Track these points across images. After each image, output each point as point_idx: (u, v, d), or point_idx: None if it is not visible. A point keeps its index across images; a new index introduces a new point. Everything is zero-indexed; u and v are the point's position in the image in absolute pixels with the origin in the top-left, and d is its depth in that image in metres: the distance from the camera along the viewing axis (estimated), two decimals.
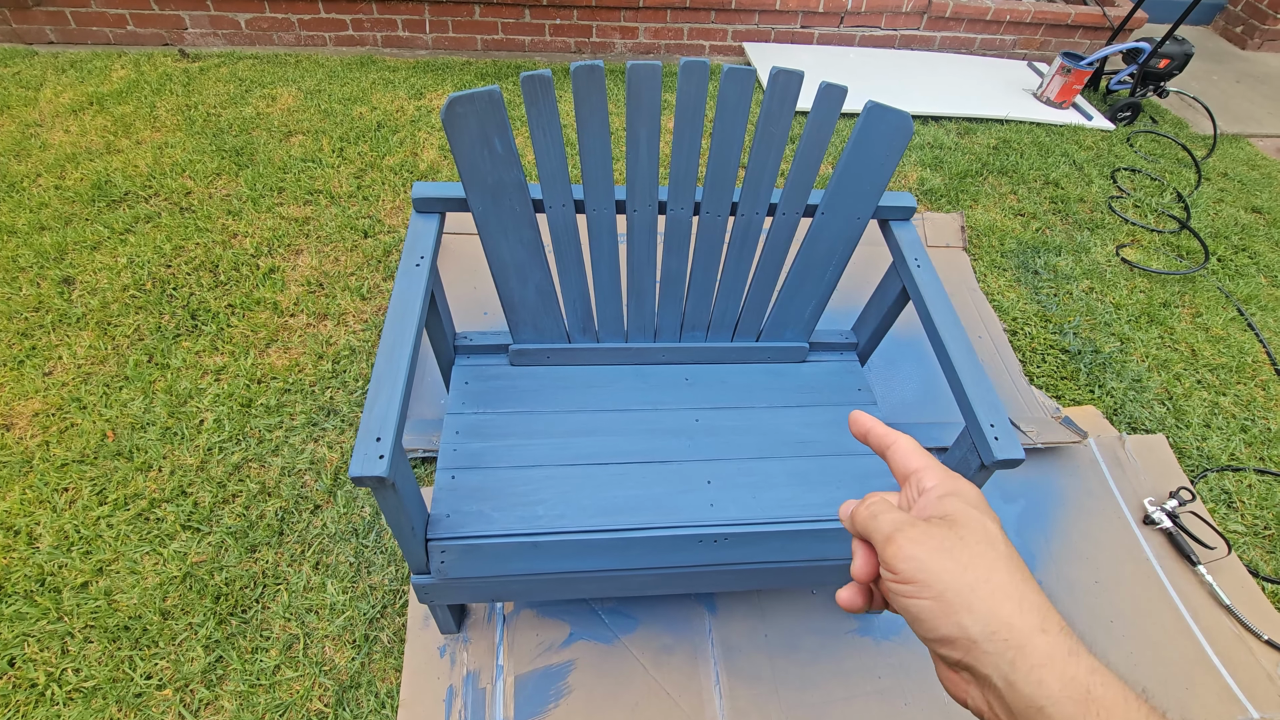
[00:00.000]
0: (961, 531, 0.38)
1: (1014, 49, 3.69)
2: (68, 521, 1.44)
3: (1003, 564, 0.36)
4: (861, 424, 0.48)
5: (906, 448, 0.44)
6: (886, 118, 1.16)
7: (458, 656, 1.33)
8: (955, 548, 0.37)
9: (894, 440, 0.45)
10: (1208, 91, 3.62)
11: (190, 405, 1.66)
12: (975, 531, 0.38)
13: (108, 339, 1.78)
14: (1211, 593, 1.54)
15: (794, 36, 3.49)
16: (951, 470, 0.43)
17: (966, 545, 0.37)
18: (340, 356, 1.79)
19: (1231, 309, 2.29)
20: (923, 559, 0.37)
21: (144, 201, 2.18)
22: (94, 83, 2.69)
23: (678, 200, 1.22)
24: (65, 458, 1.54)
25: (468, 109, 1.07)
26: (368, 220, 2.19)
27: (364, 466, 0.88)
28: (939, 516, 0.39)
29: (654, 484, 1.21)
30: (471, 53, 3.26)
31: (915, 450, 0.44)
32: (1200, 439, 1.87)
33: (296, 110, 2.65)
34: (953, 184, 2.63)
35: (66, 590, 1.35)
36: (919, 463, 0.43)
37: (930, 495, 0.41)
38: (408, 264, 1.14)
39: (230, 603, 1.36)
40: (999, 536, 0.38)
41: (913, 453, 0.44)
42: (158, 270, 1.96)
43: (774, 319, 1.41)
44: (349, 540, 1.46)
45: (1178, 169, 2.94)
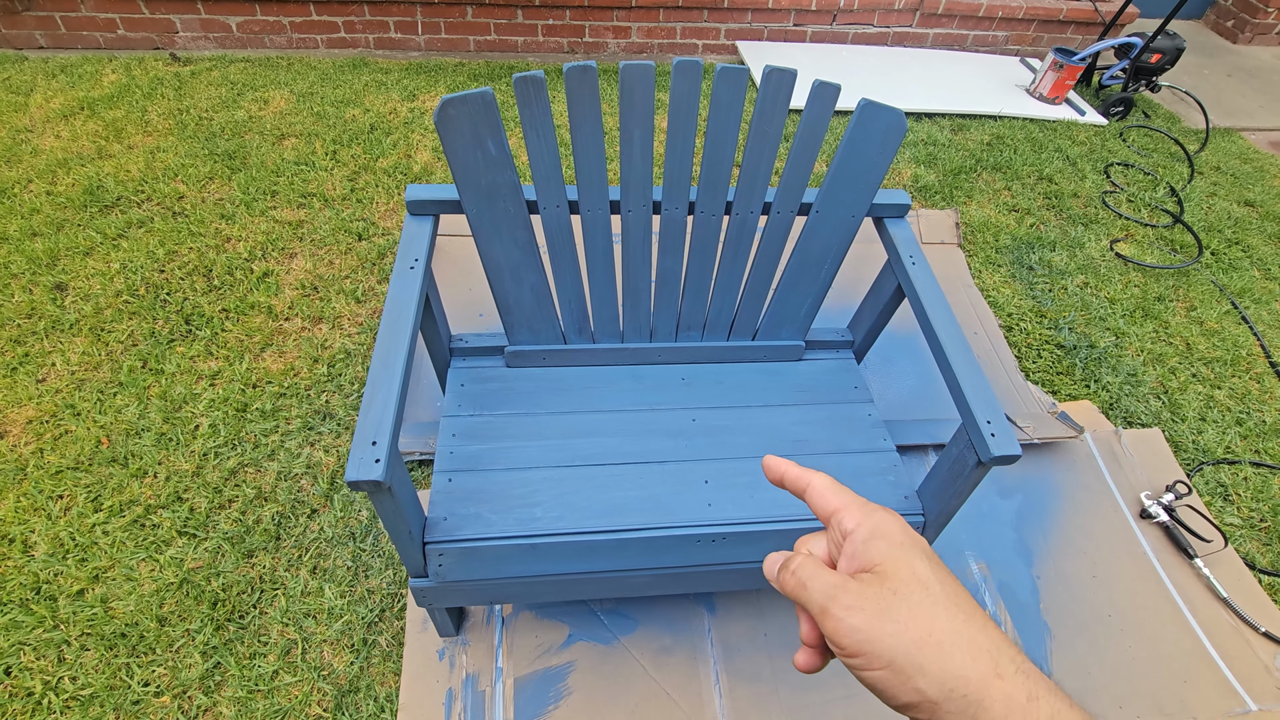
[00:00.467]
0: (894, 584, 0.36)
1: (1006, 45, 3.70)
2: (63, 529, 1.43)
3: (942, 610, 0.35)
4: (775, 469, 0.46)
5: (822, 487, 0.43)
6: (880, 116, 1.16)
7: (457, 659, 1.33)
8: (892, 606, 0.36)
9: (809, 481, 0.44)
10: (1199, 86, 3.63)
11: (185, 411, 1.65)
12: (906, 580, 0.36)
13: (101, 345, 1.77)
14: (1208, 586, 1.55)
15: (787, 35, 3.49)
16: (869, 503, 0.41)
17: (901, 599, 0.36)
18: (335, 360, 1.79)
19: (1225, 302, 2.29)
20: (864, 629, 0.35)
21: (136, 206, 2.17)
22: (85, 87, 2.68)
23: (672, 200, 1.22)
24: (60, 465, 1.53)
25: (461, 111, 1.07)
26: (362, 223, 2.19)
27: (360, 471, 0.88)
28: (867, 569, 0.38)
29: (651, 484, 1.21)
30: (464, 54, 3.26)
31: (831, 488, 0.43)
32: (1196, 432, 1.88)
33: (289, 113, 2.64)
34: (947, 180, 2.63)
35: (63, 598, 1.34)
36: (836, 502, 0.42)
37: (855, 540, 0.39)
38: (402, 267, 1.14)
39: (228, 608, 1.35)
40: (930, 575, 0.37)
41: (828, 491, 0.42)
42: (151, 275, 1.95)
43: (770, 318, 1.41)
44: (346, 544, 1.46)
45: (1171, 163, 2.96)
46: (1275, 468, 1.81)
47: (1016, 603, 1.49)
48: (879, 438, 1.33)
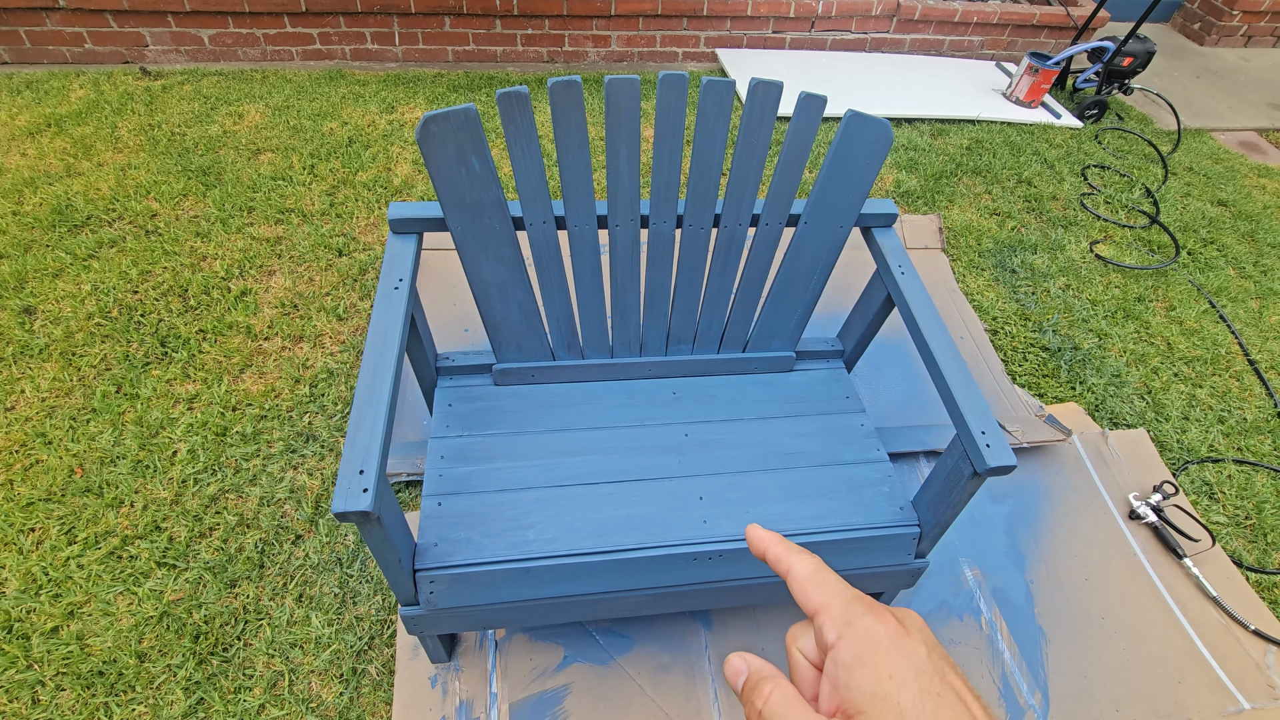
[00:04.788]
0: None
1: (982, 50, 3.75)
2: (35, 563, 1.38)
3: None
4: (758, 544, 0.41)
5: (802, 578, 0.37)
6: (866, 127, 1.16)
7: (450, 686, 1.29)
8: None
9: (788, 567, 0.38)
10: (1169, 88, 3.71)
11: (162, 436, 1.60)
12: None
13: (73, 370, 1.72)
14: (1198, 585, 1.56)
15: (766, 42, 3.50)
16: (855, 602, 0.35)
17: None
18: (318, 380, 1.75)
19: (1203, 301, 2.33)
20: None
21: (107, 225, 2.12)
22: (51, 103, 2.61)
23: (660, 214, 1.21)
24: (31, 496, 1.48)
25: (444, 128, 1.04)
26: (342, 238, 2.15)
27: (347, 501, 0.85)
28: (848, 715, 0.32)
29: (645, 502, 1.19)
30: (443, 64, 3.23)
31: (812, 580, 0.37)
32: (1180, 431, 1.90)
33: (264, 127, 2.60)
34: (928, 185, 2.65)
35: (35, 636, 1.29)
36: (818, 600, 0.35)
37: (837, 662, 0.33)
38: (386, 287, 1.11)
39: (210, 641, 1.31)
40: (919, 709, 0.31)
41: (809, 585, 0.36)
42: (124, 296, 1.90)
43: (760, 330, 1.40)
44: (333, 570, 1.42)
45: (1145, 164, 3.01)
46: (1258, 465, 1.83)
47: (1011, 608, 1.49)
48: (872, 448, 1.32)
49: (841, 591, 0.36)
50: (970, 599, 1.50)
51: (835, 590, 0.36)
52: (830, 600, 0.35)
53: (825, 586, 0.36)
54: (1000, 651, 1.43)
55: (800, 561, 0.38)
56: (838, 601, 0.35)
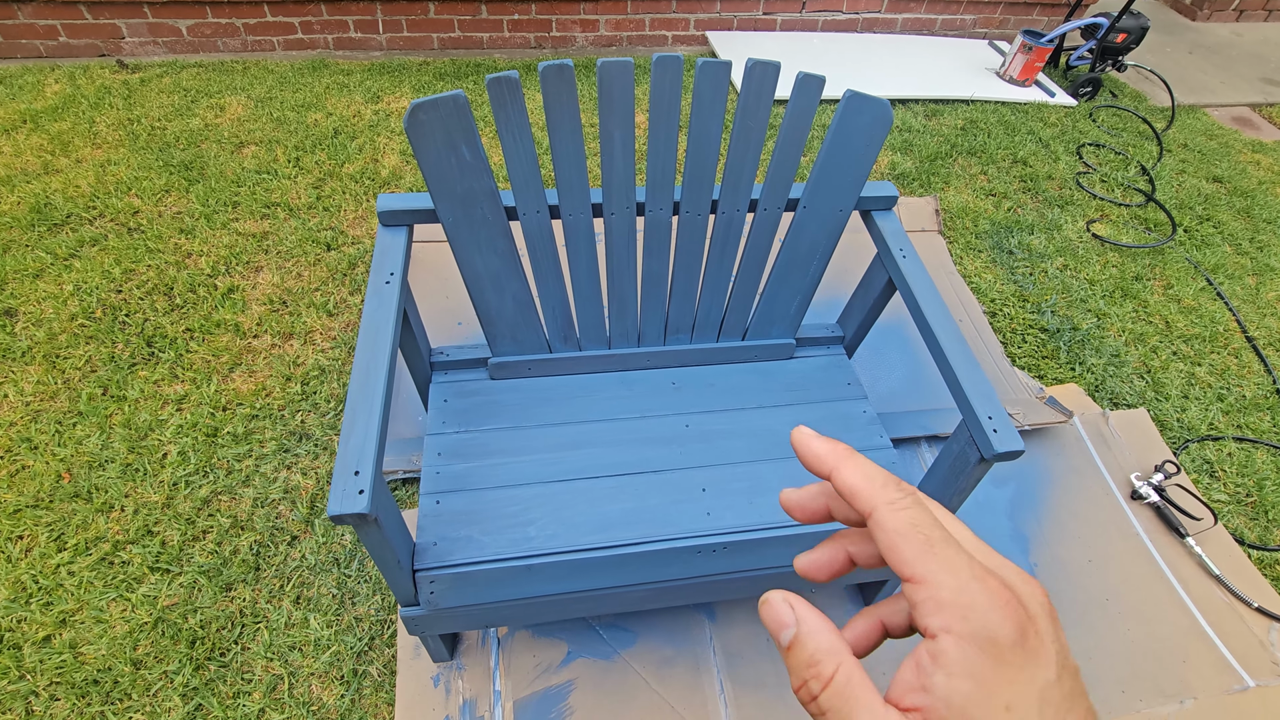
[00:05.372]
0: None
1: (974, 29, 3.71)
2: (24, 571, 1.35)
3: None
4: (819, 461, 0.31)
5: (891, 530, 0.27)
6: (865, 107, 1.13)
7: (453, 685, 1.28)
8: None
9: (870, 508, 0.28)
10: (1162, 64, 3.68)
11: (151, 438, 1.57)
12: None
13: (57, 373, 1.68)
14: (1201, 564, 1.56)
15: (756, 24, 3.45)
16: (980, 586, 0.25)
17: None
18: (309, 377, 1.71)
19: (1200, 279, 2.32)
20: None
21: (88, 224, 2.06)
22: (26, 99, 2.54)
23: (656, 201, 1.18)
24: (18, 503, 1.44)
25: (432, 116, 1.01)
26: (330, 232, 2.10)
27: (343, 504, 0.82)
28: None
29: (648, 495, 1.17)
30: (428, 52, 3.16)
31: (908, 539, 0.26)
32: (1179, 410, 1.89)
33: (247, 120, 2.54)
34: (924, 167, 2.62)
35: (27, 646, 1.26)
36: (920, 570, 0.26)
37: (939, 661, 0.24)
38: (377, 282, 1.08)
39: (207, 646, 1.29)
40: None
41: (903, 545, 0.26)
42: (107, 296, 1.85)
43: (759, 317, 1.38)
44: (330, 571, 1.40)
45: (1140, 142, 2.99)
46: (1258, 442, 1.83)
47: None
48: (875, 435, 1.31)
49: (956, 561, 0.25)
50: None
51: (948, 559, 0.25)
52: (942, 576, 0.25)
53: (931, 551, 0.26)
54: None
55: (893, 505, 0.27)
56: (951, 578, 0.25)
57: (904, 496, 0.27)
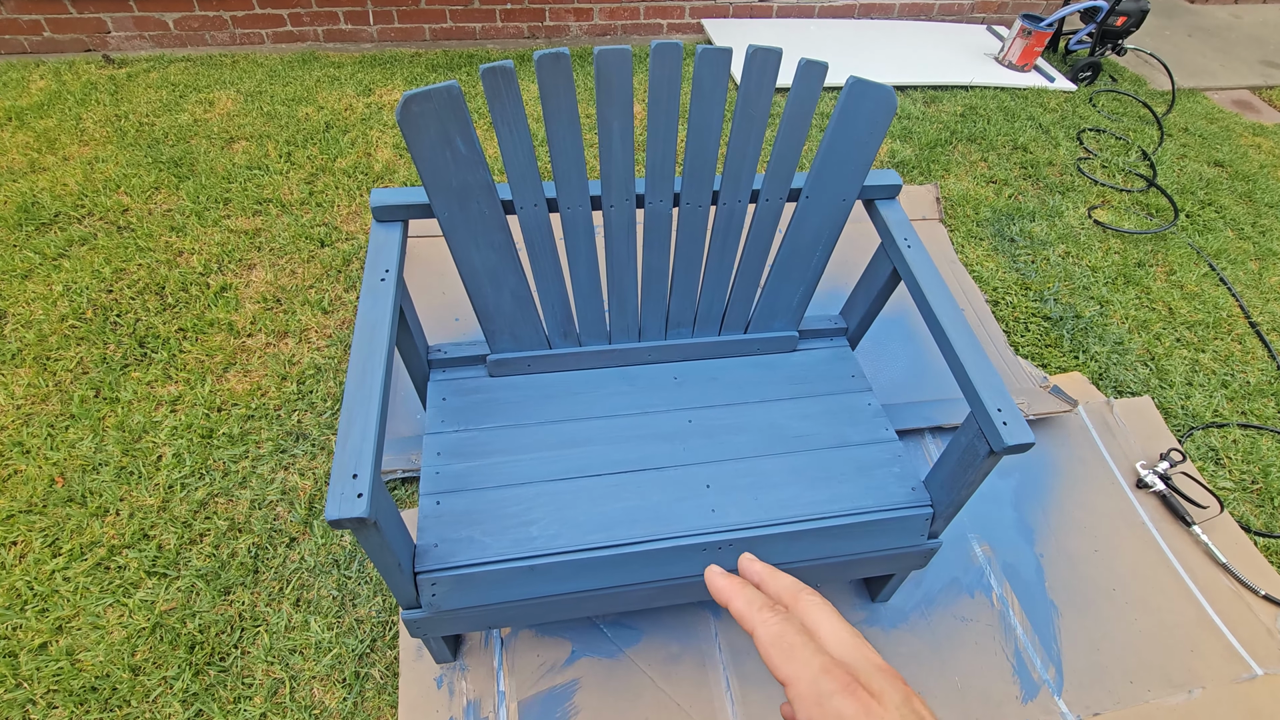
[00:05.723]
0: None
1: (972, 13, 3.67)
2: (19, 578, 1.33)
3: None
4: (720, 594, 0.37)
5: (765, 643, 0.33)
6: (869, 94, 1.11)
7: (456, 686, 1.26)
8: None
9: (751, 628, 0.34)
10: (1162, 47, 3.65)
11: (146, 441, 1.55)
12: None
13: (48, 375, 1.65)
14: (1207, 552, 1.55)
15: (753, 11, 3.41)
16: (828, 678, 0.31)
17: None
18: (305, 376, 1.69)
19: (1203, 265, 2.31)
20: None
21: (77, 222, 2.03)
22: (11, 96, 2.50)
23: (656, 193, 1.15)
24: (11, 509, 1.42)
25: (426, 108, 0.98)
26: (323, 228, 2.07)
27: (341, 508, 0.80)
28: None
29: (651, 493, 1.16)
30: (420, 43, 3.12)
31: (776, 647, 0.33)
32: (1184, 398, 1.88)
33: (237, 114, 2.50)
34: (924, 155, 2.59)
35: (24, 653, 1.25)
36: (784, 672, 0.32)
37: None
38: (372, 280, 1.06)
39: (206, 651, 1.27)
40: None
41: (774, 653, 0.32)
42: (98, 296, 1.82)
43: (761, 309, 1.36)
44: (330, 572, 1.38)
45: (1141, 126, 2.96)
46: (1263, 428, 1.82)
47: (1022, 583, 1.48)
48: (880, 427, 1.29)
49: (810, 661, 0.31)
50: (980, 575, 1.49)
51: (804, 660, 0.31)
52: (798, 673, 0.31)
53: (792, 656, 0.32)
54: (1013, 627, 1.41)
55: (764, 623, 0.33)
56: (805, 674, 0.31)
57: (773, 615, 0.34)
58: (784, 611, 0.34)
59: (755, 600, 0.35)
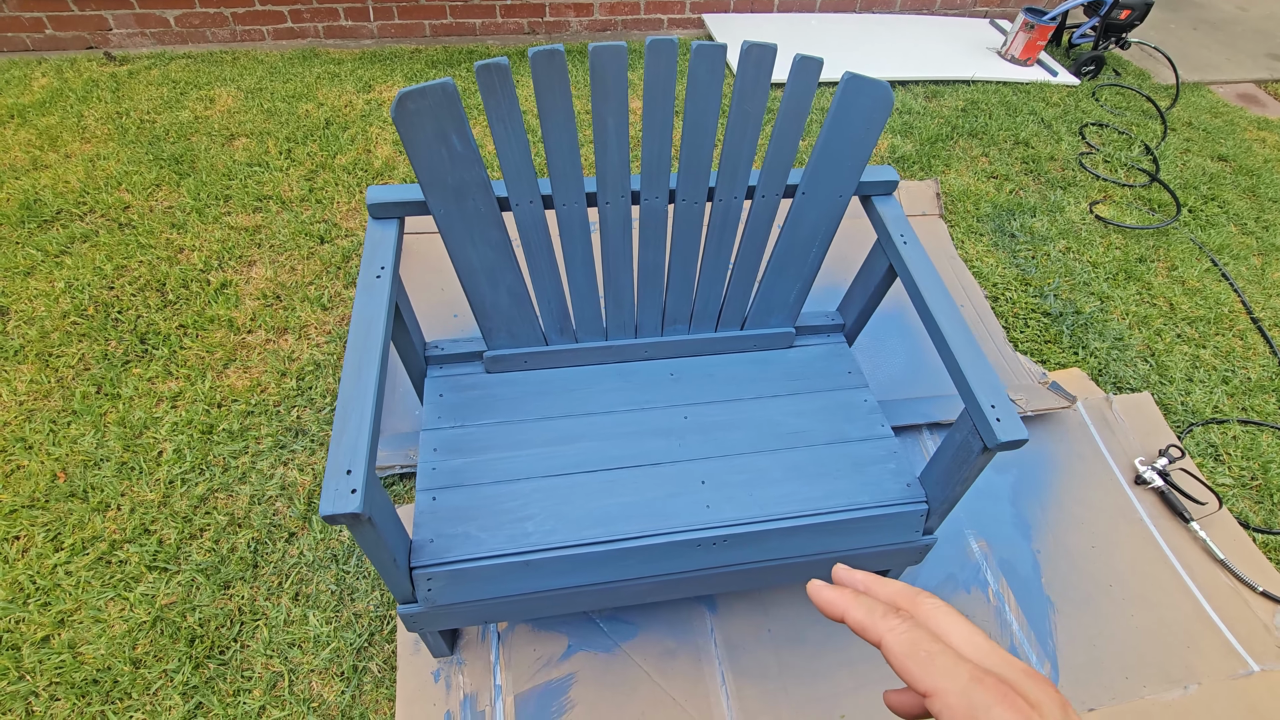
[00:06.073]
0: None
1: (975, 7, 3.64)
2: (21, 572, 1.34)
3: None
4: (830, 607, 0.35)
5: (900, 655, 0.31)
6: (865, 89, 1.10)
7: (453, 680, 1.27)
8: None
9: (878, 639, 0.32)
10: (1166, 41, 3.62)
11: (146, 436, 1.56)
12: None
13: (50, 371, 1.66)
14: (1205, 548, 1.55)
15: (754, 5, 3.39)
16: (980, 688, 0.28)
17: None
18: (305, 373, 1.70)
19: (1205, 260, 2.29)
20: None
21: (79, 220, 2.04)
22: (13, 94, 2.51)
23: (651, 189, 1.15)
24: (13, 503, 1.43)
25: (421, 105, 0.98)
26: (323, 225, 2.08)
27: (336, 504, 0.81)
28: None
29: (646, 489, 1.16)
30: (420, 39, 3.12)
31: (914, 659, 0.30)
32: (1184, 394, 1.87)
33: (237, 111, 2.50)
34: (924, 150, 2.58)
35: (26, 646, 1.26)
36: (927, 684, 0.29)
37: None
38: (367, 277, 1.06)
39: (206, 644, 1.28)
40: None
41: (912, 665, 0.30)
42: (99, 293, 1.84)
43: (758, 306, 1.36)
44: (329, 567, 1.39)
45: (1144, 121, 2.94)
46: (1263, 424, 1.81)
47: (1018, 578, 1.48)
48: (876, 424, 1.29)
49: (955, 670, 0.29)
50: (977, 571, 1.49)
51: (947, 670, 0.29)
52: (944, 684, 0.28)
53: (932, 666, 0.29)
54: (1009, 623, 1.41)
55: (893, 631, 0.31)
56: (954, 685, 0.28)
57: (901, 621, 0.31)
58: (910, 618, 0.32)
59: (876, 608, 0.33)
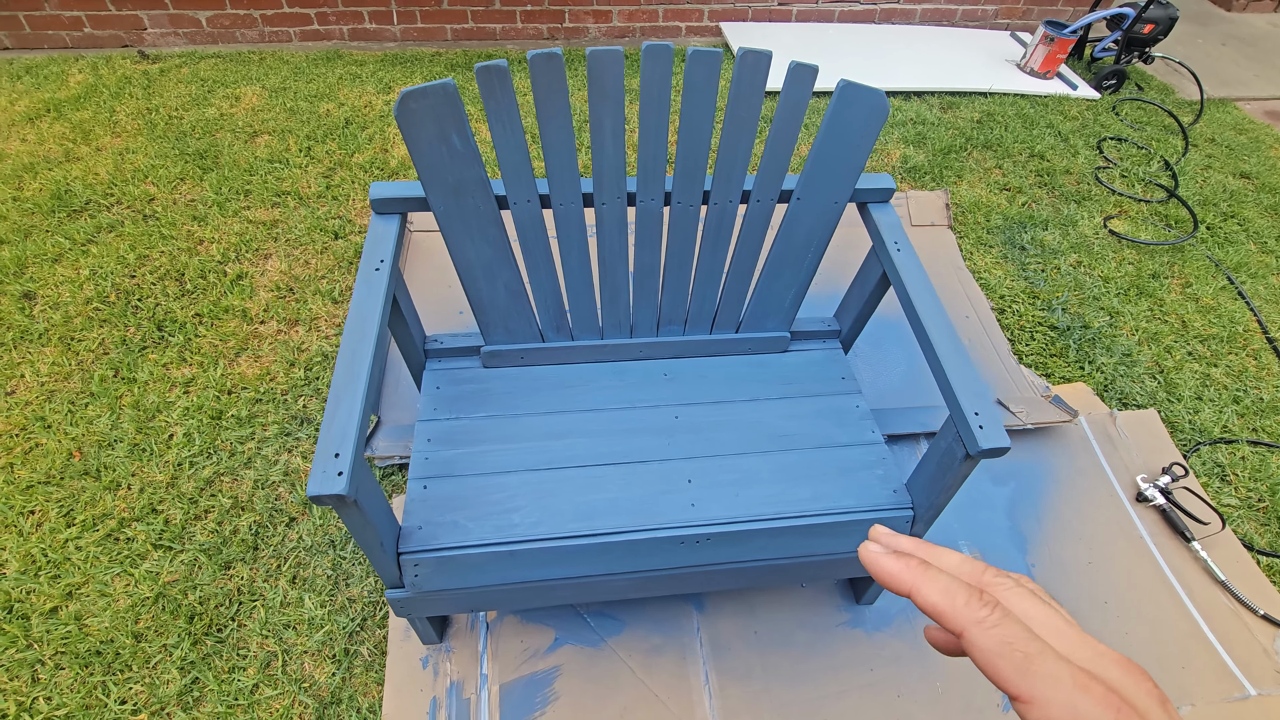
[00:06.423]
0: None
1: (996, 19, 3.63)
2: (34, 545, 1.40)
3: None
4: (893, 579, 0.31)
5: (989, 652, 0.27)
6: (860, 97, 1.12)
7: (440, 667, 1.30)
8: None
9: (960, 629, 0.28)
10: (1193, 55, 3.57)
11: (159, 420, 1.61)
12: None
13: (71, 354, 1.73)
14: (1206, 569, 1.52)
15: (771, 15, 3.41)
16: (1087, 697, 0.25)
17: None
18: (313, 363, 1.74)
19: (1221, 278, 2.26)
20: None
21: (106, 210, 2.12)
22: (51, 88, 2.61)
23: (647, 191, 1.18)
24: (30, 479, 1.49)
25: (422, 105, 1.02)
26: (338, 221, 2.13)
27: (322, 485, 0.84)
28: None
29: (633, 485, 1.18)
30: (441, 43, 3.18)
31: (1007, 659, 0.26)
32: (1192, 412, 1.84)
33: (261, 109, 2.58)
34: (936, 160, 2.58)
35: (35, 616, 1.31)
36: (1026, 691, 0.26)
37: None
38: (366, 269, 1.09)
39: (205, 622, 1.32)
40: None
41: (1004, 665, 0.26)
42: (121, 281, 1.90)
43: (753, 309, 1.37)
44: (326, 553, 1.42)
45: (1165, 136, 2.90)
46: (1274, 446, 1.78)
47: None
48: (867, 430, 1.29)
49: (1059, 677, 0.25)
50: None
51: (1049, 675, 0.25)
52: (1046, 693, 0.25)
53: (1030, 669, 0.26)
54: None
55: (981, 625, 0.27)
56: (1057, 695, 0.25)
57: (990, 613, 0.27)
58: (998, 606, 0.28)
59: (956, 591, 0.28)
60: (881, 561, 0.31)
